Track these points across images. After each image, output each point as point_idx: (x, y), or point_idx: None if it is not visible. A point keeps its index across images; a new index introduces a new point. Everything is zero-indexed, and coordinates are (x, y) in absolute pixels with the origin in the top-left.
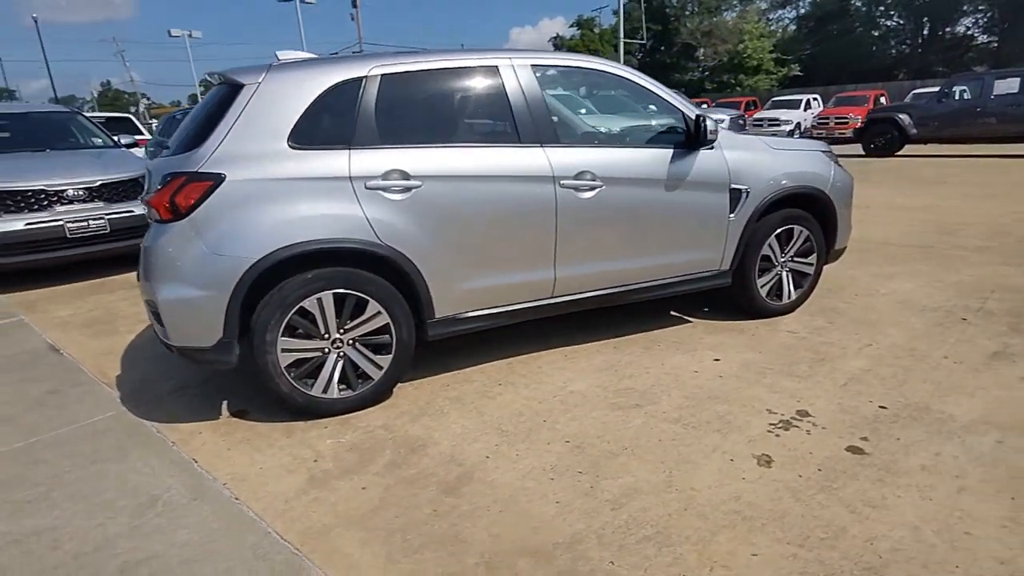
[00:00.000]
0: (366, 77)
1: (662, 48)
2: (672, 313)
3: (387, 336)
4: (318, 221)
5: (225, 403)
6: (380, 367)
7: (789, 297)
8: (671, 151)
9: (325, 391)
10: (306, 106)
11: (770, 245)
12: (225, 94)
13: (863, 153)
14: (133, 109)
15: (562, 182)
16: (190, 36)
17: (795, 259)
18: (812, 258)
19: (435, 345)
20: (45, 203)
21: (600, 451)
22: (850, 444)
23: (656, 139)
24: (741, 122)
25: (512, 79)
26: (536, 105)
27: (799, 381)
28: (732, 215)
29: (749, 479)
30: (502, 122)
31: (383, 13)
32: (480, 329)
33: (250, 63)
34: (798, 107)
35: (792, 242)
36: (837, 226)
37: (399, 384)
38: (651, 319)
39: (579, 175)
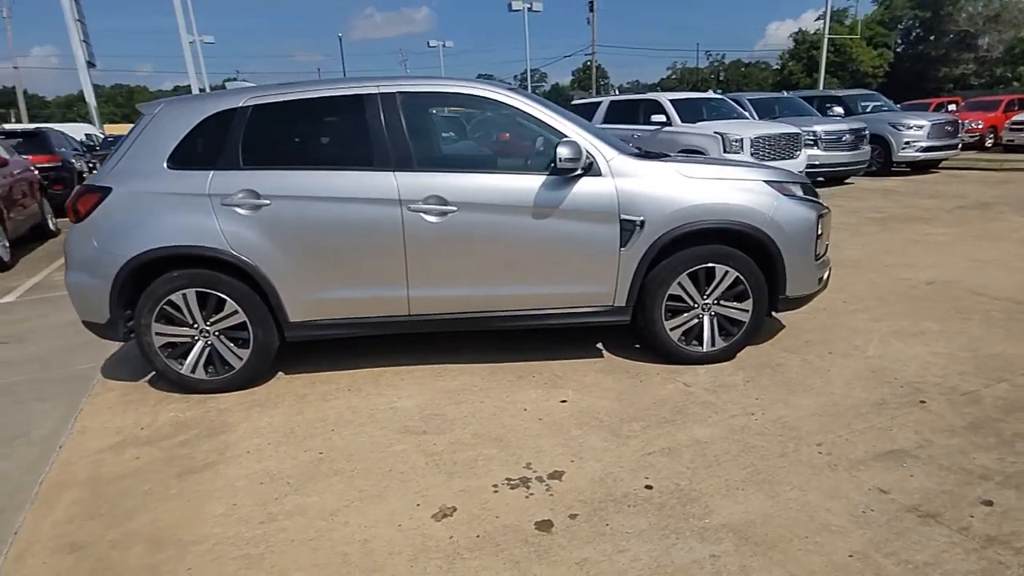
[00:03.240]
0: (238, 108)
1: (930, 38)
2: (596, 346)
3: (246, 332)
4: (180, 230)
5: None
6: (240, 359)
7: (712, 345)
8: (544, 177)
9: (192, 371)
10: (184, 134)
11: (681, 284)
12: (136, 122)
13: None
14: None
15: (410, 206)
16: (444, 46)
17: (721, 303)
18: (746, 304)
19: (344, 343)
20: None
21: (331, 468)
22: (548, 519)
23: (532, 165)
24: (950, 128)
25: (374, 107)
26: (394, 131)
27: (608, 440)
28: (624, 248)
29: (404, 527)
30: (359, 148)
31: (627, 13)
32: (339, 336)
33: (492, 70)
34: None
35: (715, 283)
36: (785, 270)
37: (280, 373)
38: (563, 348)
39: (427, 199)
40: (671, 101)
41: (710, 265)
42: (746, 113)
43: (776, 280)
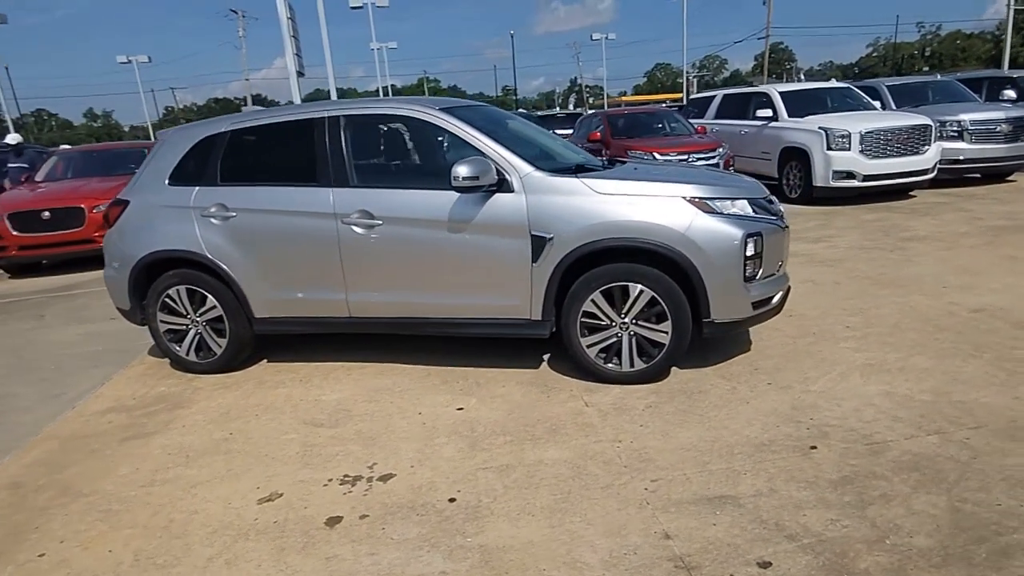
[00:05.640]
0: (220, 133)
1: None
2: (542, 356)
3: (223, 324)
4: (171, 236)
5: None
6: (220, 346)
7: (631, 365)
8: (460, 194)
9: (187, 354)
10: (181, 155)
11: (594, 301)
12: (154, 145)
13: None
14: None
15: (343, 219)
16: (606, 38)
17: (640, 323)
18: (665, 325)
19: (332, 339)
20: None
21: (228, 447)
22: (342, 516)
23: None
24: None
25: (321, 130)
26: (335, 151)
27: (461, 451)
28: (535, 263)
29: (232, 504)
30: (307, 166)
31: None
32: (297, 332)
33: (671, 58)
34: None
35: (631, 302)
36: (706, 292)
37: (264, 360)
38: (508, 356)
39: (358, 214)
40: (783, 94)
41: (624, 283)
42: (874, 104)
43: (696, 302)
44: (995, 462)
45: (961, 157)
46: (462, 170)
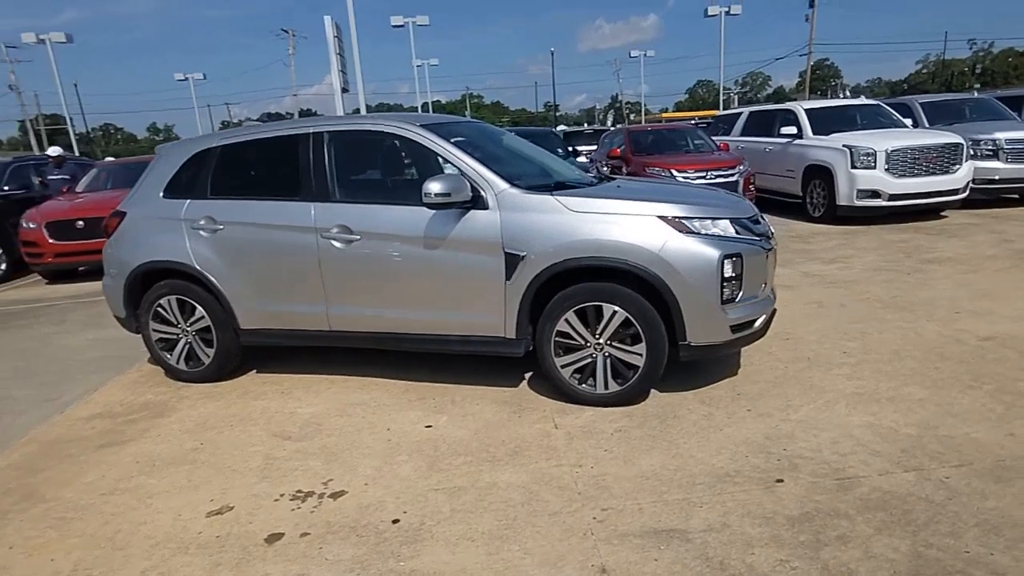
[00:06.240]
0: (212, 148)
1: None
2: (524, 375)
3: (211, 334)
4: (163, 247)
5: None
6: (208, 356)
7: (606, 387)
8: (435, 210)
9: (177, 363)
10: (175, 170)
11: (568, 321)
12: (153, 160)
13: None
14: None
15: (323, 233)
16: (644, 55)
17: (614, 344)
18: (639, 347)
19: (320, 351)
20: None
21: (194, 457)
22: (284, 532)
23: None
24: None
25: (306, 145)
26: (317, 166)
27: (418, 471)
28: (509, 281)
29: (182, 516)
30: (291, 181)
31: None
32: (280, 344)
33: (712, 75)
34: None
35: (605, 323)
36: (681, 314)
37: (254, 371)
38: (489, 374)
39: (337, 228)
40: (808, 111)
41: (597, 304)
42: (905, 121)
43: (672, 324)
44: (972, 504)
45: (996, 177)
46: (433, 187)
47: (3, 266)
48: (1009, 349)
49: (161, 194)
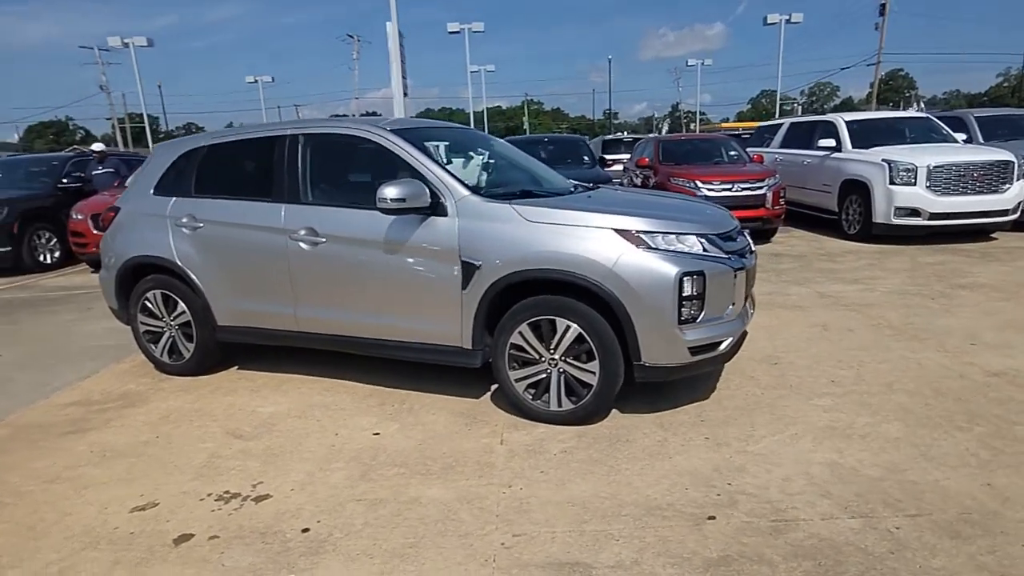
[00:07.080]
0: (199, 147)
1: None
2: (490, 386)
3: (191, 329)
4: (149, 242)
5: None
6: (189, 350)
7: (559, 404)
8: (396, 216)
9: (161, 356)
10: (164, 168)
11: (522, 333)
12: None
13: None
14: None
15: (292, 235)
16: (702, 64)
17: (567, 360)
18: (593, 365)
19: (302, 350)
20: None
21: (144, 450)
22: (195, 534)
23: None
24: None
25: (281, 147)
26: (291, 168)
27: (348, 479)
28: (465, 290)
29: (108, 510)
30: (266, 182)
31: (945, 12)
32: (253, 342)
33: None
34: None
35: (558, 338)
36: (635, 332)
37: (236, 367)
38: (459, 383)
39: (304, 230)
40: (849, 123)
41: (551, 317)
42: (956, 136)
43: (626, 342)
44: (915, 561)
45: None
46: (388, 192)
47: (57, 254)
48: (1017, 388)
49: (151, 191)
